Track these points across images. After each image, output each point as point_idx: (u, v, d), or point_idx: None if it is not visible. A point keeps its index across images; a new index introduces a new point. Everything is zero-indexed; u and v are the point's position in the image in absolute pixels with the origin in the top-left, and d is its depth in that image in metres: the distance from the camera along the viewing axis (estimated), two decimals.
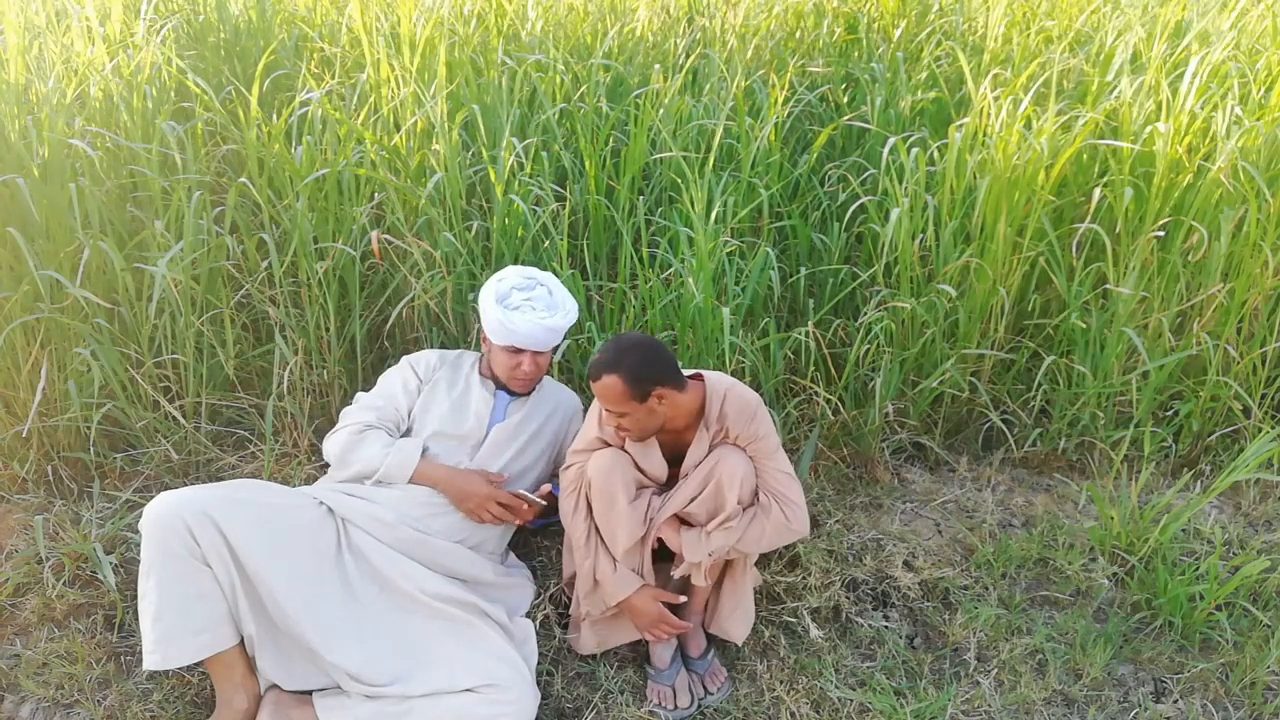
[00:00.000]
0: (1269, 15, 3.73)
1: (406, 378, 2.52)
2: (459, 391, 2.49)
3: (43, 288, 2.58)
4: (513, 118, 3.14)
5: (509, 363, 2.42)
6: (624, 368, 2.05)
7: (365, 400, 2.49)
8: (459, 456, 2.41)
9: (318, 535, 2.16)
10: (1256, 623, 2.45)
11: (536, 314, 2.37)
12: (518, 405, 2.51)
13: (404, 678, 2.05)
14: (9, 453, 2.72)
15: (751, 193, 3.12)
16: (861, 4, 4.23)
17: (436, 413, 2.44)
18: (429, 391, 2.49)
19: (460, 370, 2.55)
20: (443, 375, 2.52)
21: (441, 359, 2.57)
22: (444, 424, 2.43)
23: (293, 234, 2.81)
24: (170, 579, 1.98)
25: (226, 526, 2.01)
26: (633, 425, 2.11)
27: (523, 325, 2.34)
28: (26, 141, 2.76)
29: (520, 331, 2.34)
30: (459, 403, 2.47)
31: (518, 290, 2.41)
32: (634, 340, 2.11)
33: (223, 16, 3.72)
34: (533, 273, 2.46)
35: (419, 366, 2.54)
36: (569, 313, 2.42)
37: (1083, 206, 3.02)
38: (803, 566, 2.56)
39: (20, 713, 2.17)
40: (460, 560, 2.29)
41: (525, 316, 2.35)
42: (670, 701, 2.25)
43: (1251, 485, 2.93)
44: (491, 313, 2.36)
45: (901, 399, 2.95)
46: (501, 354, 2.42)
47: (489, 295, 2.39)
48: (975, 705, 2.28)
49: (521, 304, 2.39)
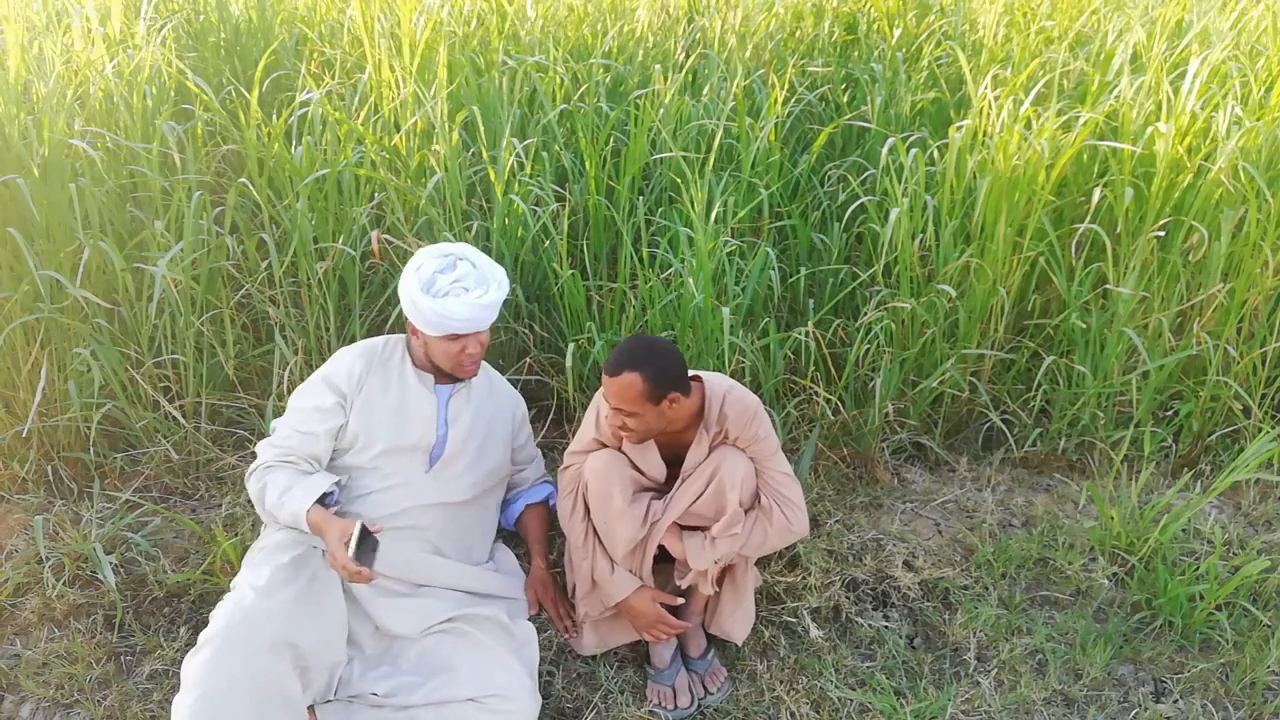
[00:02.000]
0: (1269, 15, 3.73)
1: (322, 401, 2.23)
2: (395, 395, 2.27)
3: (43, 288, 2.58)
4: (513, 118, 3.14)
5: (451, 350, 2.22)
6: (648, 368, 2.01)
7: (276, 435, 2.24)
8: (414, 471, 2.26)
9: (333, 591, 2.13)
10: (1256, 623, 2.45)
11: (471, 295, 2.17)
12: (461, 397, 2.34)
13: (406, 687, 2.05)
14: (9, 453, 2.72)
15: (751, 193, 3.12)
16: (861, 4, 4.23)
17: (380, 429, 2.24)
18: (362, 406, 2.25)
19: (390, 368, 2.31)
20: (373, 382, 2.27)
21: (366, 361, 2.29)
22: (390, 439, 2.24)
23: (293, 234, 2.81)
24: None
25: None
26: (639, 426, 2.08)
27: (460, 310, 2.14)
28: (26, 141, 2.76)
29: (459, 317, 2.15)
30: (399, 410, 2.26)
31: (441, 274, 2.19)
32: (658, 343, 2.08)
33: (223, 16, 3.72)
34: (448, 249, 2.25)
35: (338, 381, 2.25)
36: (501, 282, 2.23)
37: (1083, 206, 3.02)
38: (803, 566, 2.56)
39: (20, 713, 2.17)
40: (455, 574, 2.26)
41: (460, 301, 2.15)
42: (670, 701, 2.25)
43: (1251, 485, 2.93)
44: (421, 305, 2.15)
45: (901, 399, 2.95)
46: (441, 344, 2.22)
47: (412, 287, 2.17)
48: (975, 705, 2.28)
49: (450, 288, 2.17)
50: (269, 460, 2.18)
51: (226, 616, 1.91)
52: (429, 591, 2.23)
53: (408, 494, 2.26)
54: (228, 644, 1.86)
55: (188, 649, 2.28)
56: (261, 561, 2.09)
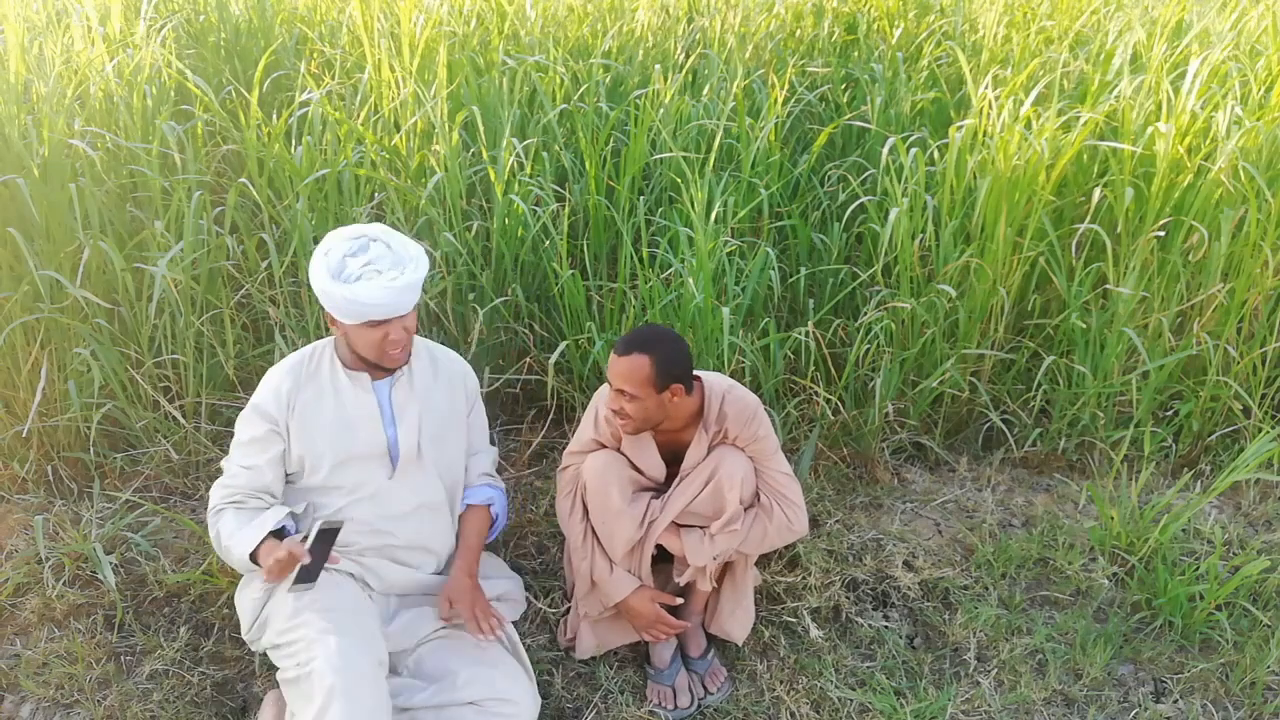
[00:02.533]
0: (1269, 15, 3.73)
1: (255, 431, 2.11)
2: (330, 405, 2.12)
3: (43, 288, 2.58)
4: (513, 118, 3.14)
5: (374, 338, 2.04)
6: (658, 352, 2.01)
7: (225, 474, 2.14)
8: (378, 480, 2.14)
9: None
10: (1256, 623, 2.45)
11: (385, 277, 1.99)
12: (403, 389, 2.17)
13: (408, 688, 2.04)
14: (9, 453, 2.72)
15: (751, 193, 3.12)
16: (861, 4, 4.23)
17: (323, 444, 2.11)
18: (298, 427, 2.11)
19: (320, 377, 2.15)
20: (304, 397, 2.13)
21: (294, 376, 2.14)
22: (336, 453, 2.11)
23: (293, 234, 2.81)
24: None
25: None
26: (637, 413, 2.06)
27: (373, 295, 1.97)
28: (26, 141, 2.77)
29: (373, 302, 1.97)
30: (338, 419, 2.12)
31: (351, 257, 2.02)
32: (670, 332, 2.08)
33: (223, 17, 3.72)
34: (359, 230, 2.08)
35: (267, 408, 2.11)
36: (418, 261, 2.05)
37: (1083, 206, 3.02)
38: (803, 566, 2.56)
39: (20, 713, 2.17)
40: (441, 584, 2.22)
41: (373, 284, 1.97)
42: (670, 701, 2.25)
43: (1251, 485, 2.93)
44: (333, 293, 1.98)
45: (901, 399, 2.95)
46: (361, 332, 2.04)
47: (321, 274, 2.00)
48: (975, 705, 2.28)
49: (363, 271, 2.00)
50: (217, 503, 2.08)
51: (330, 669, 1.86)
52: (416, 601, 2.19)
53: (379, 505, 2.14)
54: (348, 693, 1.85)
55: (188, 649, 2.30)
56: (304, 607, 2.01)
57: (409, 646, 2.12)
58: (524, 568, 2.59)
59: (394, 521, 2.16)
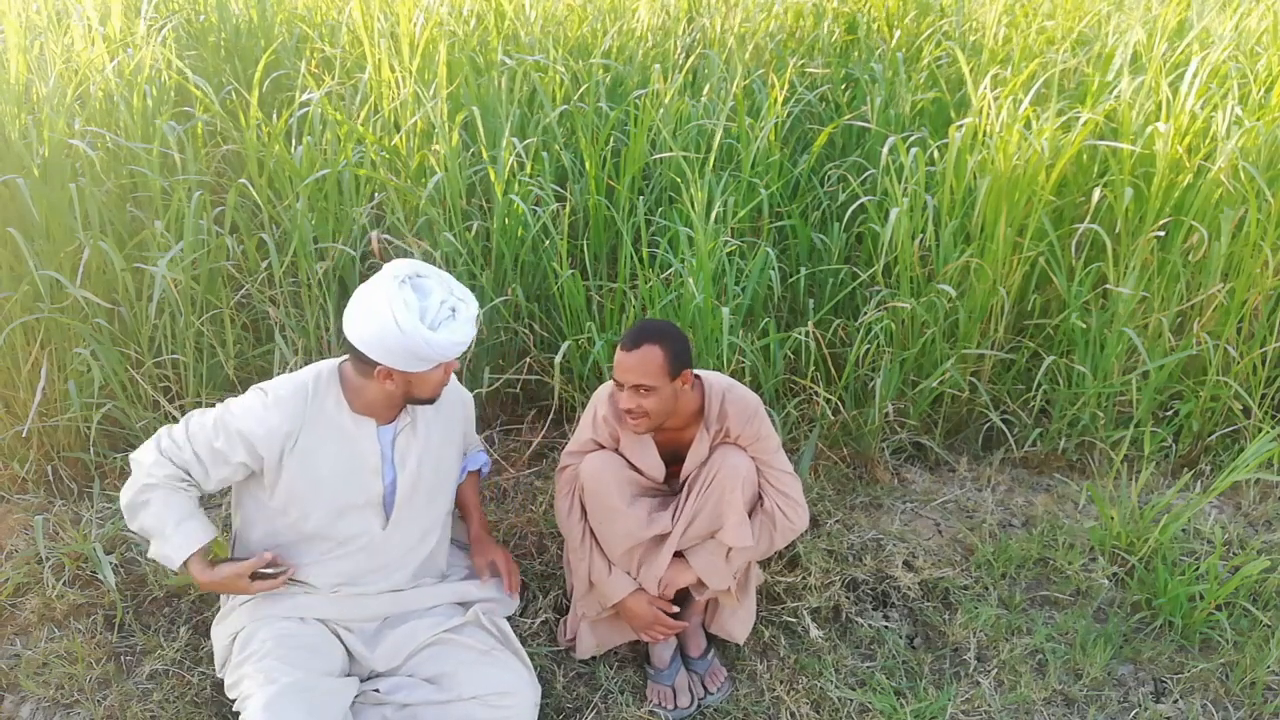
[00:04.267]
0: (1270, 15, 3.73)
1: (232, 453, 1.94)
2: (331, 455, 1.99)
3: (43, 288, 2.58)
4: (513, 118, 3.14)
5: (439, 379, 1.97)
6: (667, 339, 2.01)
7: (179, 439, 1.96)
8: (370, 532, 2.07)
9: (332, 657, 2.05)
10: (1256, 623, 2.45)
11: (461, 312, 1.91)
12: (406, 435, 2.08)
13: (408, 685, 2.04)
14: (9, 453, 2.72)
15: (751, 192, 3.12)
16: (861, 4, 4.23)
17: (317, 497, 2.00)
18: (291, 474, 1.98)
19: (322, 420, 1.99)
20: (303, 445, 1.97)
21: (294, 421, 1.96)
22: (332, 504, 2.01)
23: (293, 234, 2.81)
24: None
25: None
26: (655, 406, 2.04)
27: (461, 334, 1.90)
28: (27, 141, 2.77)
29: (461, 341, 1.90)
30: (335, 473, 2.01)
31: (423, 301, 1.89)
32: (671, 324, 2.09)
33: (223, 16, 3.72)
34: (402, 273, 1.89)
35: (256, 442, 1.94)
36: (461, 286, 1.97)
37: (1083, 206, 3.02)
38: (803, 566, 2.57)
39: (20, 713, 2.17)
40: (428, 597, 2.19)
41: (457, 325, 1.90)
42: (670, 701, 2.25)
43: (1251, 485, 2.93)
44: (431, 342, 1.85)
45: (901, 399, 2.95)
46: (432, 375, 1.94)
47: (414, 327, 1.84)
48: (975, 705, 2.28)
49: (439, 312, 1.89)
50: (152, 475, 1.92)
51: (264, 698, 1.83)
52: (404, 617, 2.14)
53: (372, 556, 2.09)
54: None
55: (188, 649, 2.30)
56: (267, 653, 1.94)
57: (399, 663, 2.08)
58: (524, 567, 2.59)
59: (386, 569, 2.12)
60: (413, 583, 2.17)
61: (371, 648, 2.08)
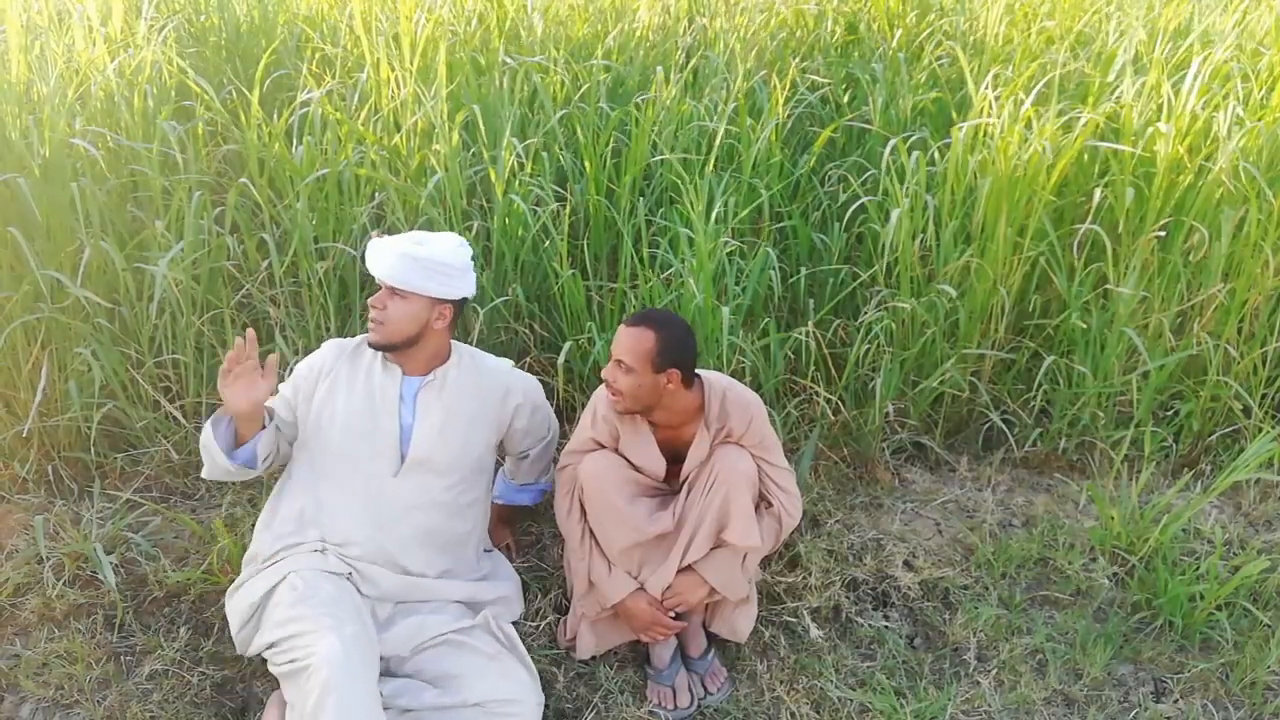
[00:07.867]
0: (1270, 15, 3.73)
1: (298, 382, 2.25)
2: (360, 384, 2.20)
3: (43, 287, 2.58)
4: (513, 118, 3.14)
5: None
6: (665, 331, 2.02)
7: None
8: (380, 473, 2.16)
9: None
10: (1256, 623, 2.45)
11: (404, 237, 2.12)
12: (432, 390, 2.20)
13: (412, 689, 2.04)
14: (9, 453, 2.72)
15: (752, 193, 3.12)
16: (862, 4, 4.23)
17: (337, 416, 2.18)
18: (324, 393, 2.21)
19: (359, 360, 2.24)
20: (337, 373, 2.23)
21: (335, 356, 2.25)
22: (349, 429, 2.16)
23: (293, 234, 2.81)
24: None
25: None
26: (628, 388, 2.05)
27: (373, 249, 2.10)
28: (28, 141, 2.77)
29: (370, 257, 2.10)
30: (356, 398, 2.19)
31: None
32: (683, 320, 2.10)
33: (224, 16, 3.72)
34: (419, 236, 2.17)
35: (299, 376, 2.25)
36: (433, 244, 2.11)
37: (1083, 207, 3.02)
38: (803, 566, 2.57)
39: (20, 713, 2.17)
40: (443, 590, 2.21)
41: (381, 241, 2.10)
42: (670, 701, 2.25)
43: (1251, 485, 2.93)
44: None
45: (901, 399, 2.95)
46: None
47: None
48: (975, 705, 2.28)
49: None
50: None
51: (326, 664, 1.86)
52: (414, 609, 2.16)
53: (377, 505, 2.16)
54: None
55: (188, 649, 2.30)
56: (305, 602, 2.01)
57: (404, 654, 2.10)
58: (524, 567, 2.59)
59: (391, 523, 2.15)
60: (423, 569, 2.19)
61: (382, 631, 2.10)
